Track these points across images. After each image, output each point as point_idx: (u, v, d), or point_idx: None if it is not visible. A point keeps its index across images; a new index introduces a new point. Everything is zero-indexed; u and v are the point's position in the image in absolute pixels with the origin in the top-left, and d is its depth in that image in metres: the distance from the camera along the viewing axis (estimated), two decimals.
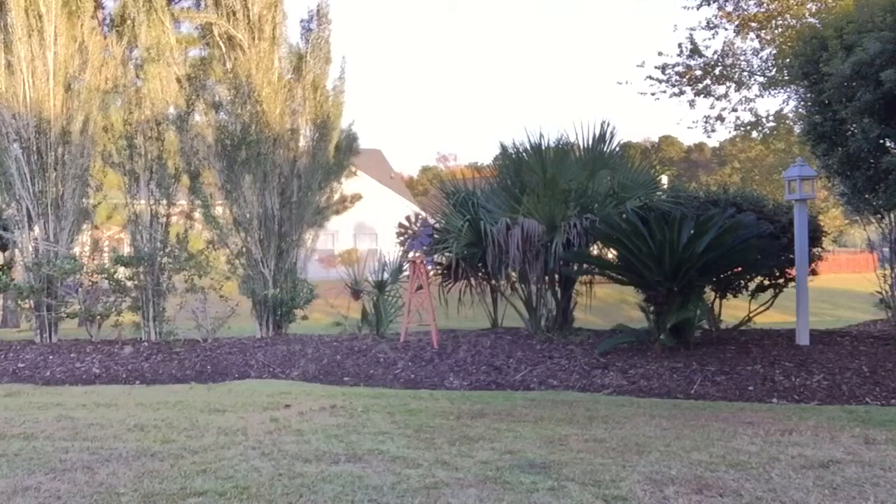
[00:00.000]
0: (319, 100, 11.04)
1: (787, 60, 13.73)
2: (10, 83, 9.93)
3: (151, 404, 6.68)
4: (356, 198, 24.32)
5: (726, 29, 19.34)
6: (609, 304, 17.77)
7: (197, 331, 10.07)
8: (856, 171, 9.37)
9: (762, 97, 27.78)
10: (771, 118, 21.05)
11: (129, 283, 10.12)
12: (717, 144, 49.26)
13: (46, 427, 5.68)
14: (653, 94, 20.15)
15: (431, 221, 10.51)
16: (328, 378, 8.28)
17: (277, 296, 10.31)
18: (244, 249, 10.48)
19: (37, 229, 10.04)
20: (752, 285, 10.03)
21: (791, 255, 9.25)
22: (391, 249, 11.12)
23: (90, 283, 10.16)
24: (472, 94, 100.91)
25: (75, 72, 10.23)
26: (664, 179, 14.41)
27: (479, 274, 10.33)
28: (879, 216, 10.69)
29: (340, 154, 11.44)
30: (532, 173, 9.83)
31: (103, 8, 11.24)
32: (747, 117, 20.81)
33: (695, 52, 19.17)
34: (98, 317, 9.95)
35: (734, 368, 7.85)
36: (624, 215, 8.81)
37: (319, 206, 11.14)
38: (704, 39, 31.78)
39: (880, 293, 11.35)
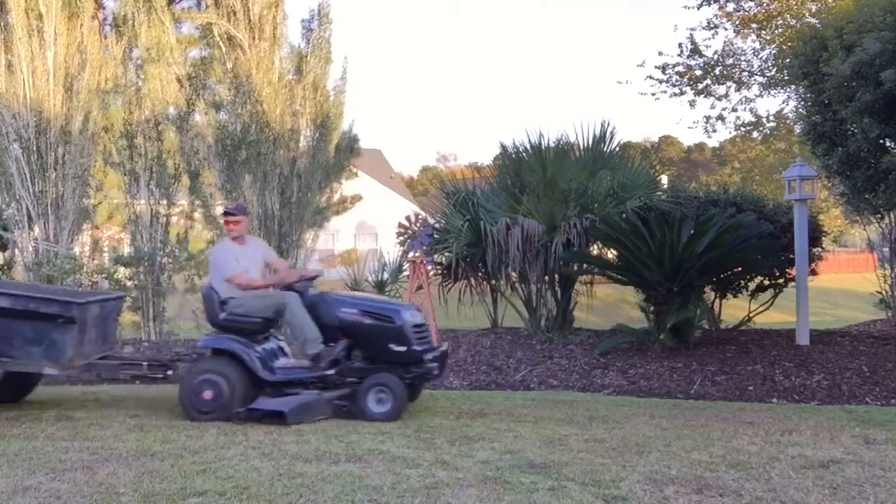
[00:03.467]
0: (320, 100, 11.05)
1: (787, 60, 13.72)
2: (10, 83, 9.93)
3: (151, 404, 6.68)
4: (356, 198, 24.28)
5: (726, 29, 19.32)
6: (609, 304, 17.78)
7: (197, 331, 10.06)
8: (856, 171, 9.36)
9: (762, 97, 27.77)
10: (771, 118, 21.03)
11: (129, 283, 10.12)
12: (717, 144, 49.14)
13: (46, 427, 5.68)
14: (653, 94, 20.11)
15: (431, 221, 10.51)
16: None
17: None
18: None
19: (37, 229, 10.04)
20: (752, 285, 10.04)
21: (791, 255, 9.25)
22: (391, 249, 11.13)
23: (90, 283, 10.15)
24: (472, 94, 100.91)
25: (75, 72, 10.23)
26: (664, 179, 14.42)
27: (479, 274, 10.33)
28: (879, 216, 10.69)
29: (340, 154, 11.45)
30: (532, 173, 9.83)
31: (103, 8, 11.25)
32: (747, 117, 20.78)
33: (695, 51, 19.14)
34: None
35: (734, 368, 7.85)
36: (624, 215, 8.81)
37: (319, 207, 11.15)
38: (705, 39, 31.71)
39: (880, 293, 11.35)
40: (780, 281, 9.87)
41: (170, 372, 6.44)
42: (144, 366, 6.43)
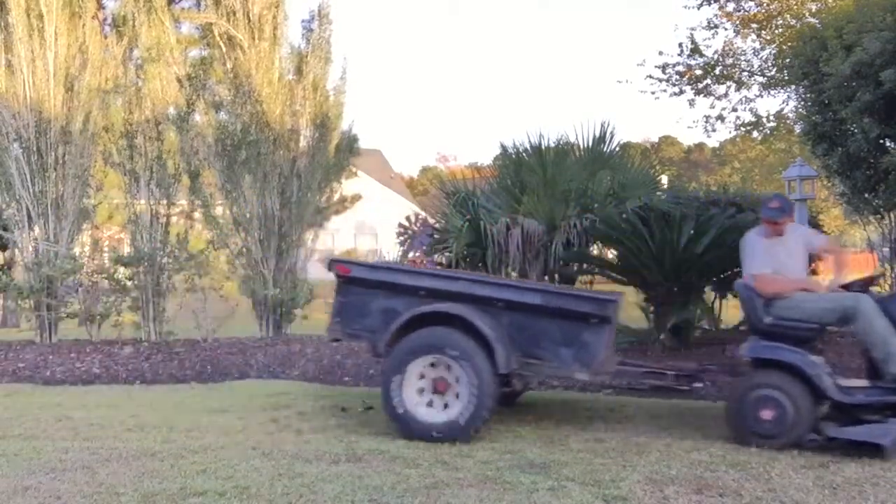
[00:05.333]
0: (320, 100, 11.04)
1: (787, 60, 13.72)
2: (10, 83, 9.92)
3: (151, 404, 6.68)
4: (356, 198, 24.32)
5: (726, 29, 19.35)
6: None
7: (197, 331, 10.06)
8: (856, 171, 9.36)
9: (762, 97, 27.76)
10: (771, 118, 21.04)
11: (129, 283, 10.11)
12: (717, 144, 49.02)
13: (46, 427, 5.68)
14: (653, 94, 20.12)
15: (431, 221, 10.50)
16: (328, 378, 8.27)
17: (277, 296, 10.30)
18: (244, 249, 10.48)
19: (37, 229, 10.03)
20: None
21: None
22: (391, 249, 11.12)
23: (90, 283, 10.15)
24: (472, 94, 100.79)
25: (76, 72, 10.22)
26: (664, 179, 14.42)
27: None
28: (879, 216, 10.68)
29: (340, 154, 11.44)
30: (532, 173, 9.83)
31: (104, 8, 11.25)
32: (747, 117, 20.79)
33: (695, 51, 19.15)
34: (98, 317, 9.94)
35: (734, 368, 7.83)
36: (624, 215, 8.81)
37: (319, 206, 11.15)
38: (705, 39, 31.57)
39: (880, 293, 11.34)
40: None
41: (697, 384, 5.85)
42: (670, 375, 5.83)
